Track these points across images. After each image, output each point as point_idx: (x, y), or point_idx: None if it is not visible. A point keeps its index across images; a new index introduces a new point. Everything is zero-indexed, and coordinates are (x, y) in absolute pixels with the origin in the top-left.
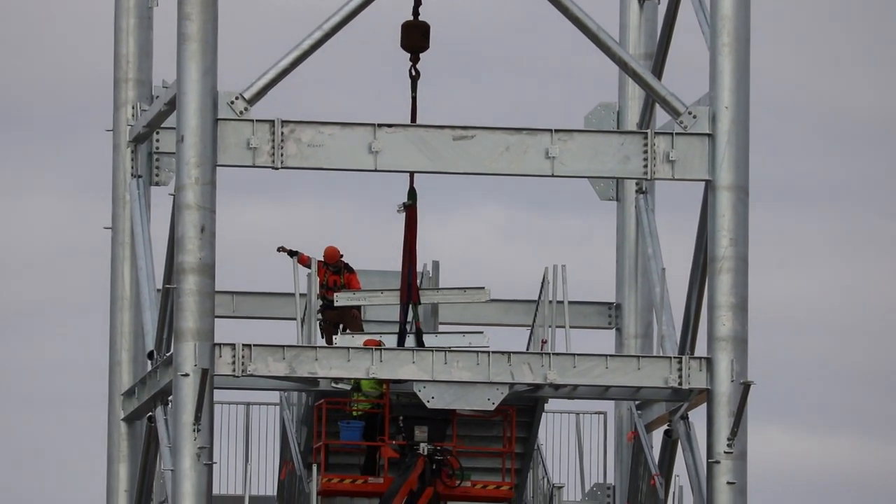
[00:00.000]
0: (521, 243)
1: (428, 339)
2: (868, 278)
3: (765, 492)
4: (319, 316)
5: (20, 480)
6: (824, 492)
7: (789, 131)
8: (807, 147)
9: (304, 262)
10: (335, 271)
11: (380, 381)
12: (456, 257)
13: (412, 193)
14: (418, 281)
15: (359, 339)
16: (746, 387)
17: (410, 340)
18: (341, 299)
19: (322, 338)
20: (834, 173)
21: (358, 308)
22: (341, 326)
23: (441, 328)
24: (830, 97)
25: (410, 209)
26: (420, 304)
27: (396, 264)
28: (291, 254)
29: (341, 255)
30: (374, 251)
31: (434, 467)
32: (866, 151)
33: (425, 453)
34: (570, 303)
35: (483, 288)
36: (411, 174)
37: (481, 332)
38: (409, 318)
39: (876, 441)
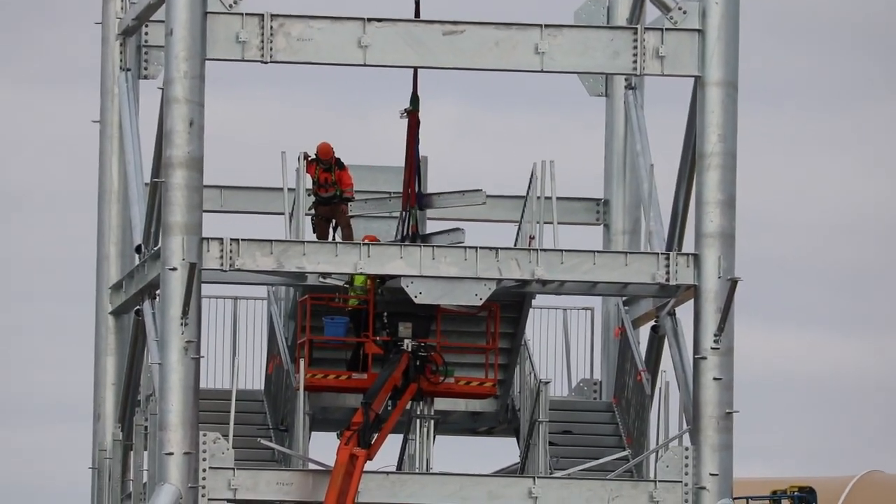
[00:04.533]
0: (508, 139)
1: None
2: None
3: (751, 388)
4: (311, 212)
5: (8, 376)
6: (812, 387)
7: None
8: (794, 44)
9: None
10: (326, 168)
11: (370, 277)
12: (442, 152)
13: (414, 99)
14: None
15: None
16: (733, 283)
17: None
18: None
19: (314, 233)
20: (820, 70)
21: (346, 204)
22: (333, 222)
23: (430, 223)
24: None
25: (412, 115)
26: (421, 209)
27: (387, 159)
28: None
29: (333, 152)
30: (366, 146)
31: (418, 363)
32: (851, 48)
33: (409, 349)
34: (558, 199)
35: (480, 190)
36: (415, 79)
37: (460, 230)
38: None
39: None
